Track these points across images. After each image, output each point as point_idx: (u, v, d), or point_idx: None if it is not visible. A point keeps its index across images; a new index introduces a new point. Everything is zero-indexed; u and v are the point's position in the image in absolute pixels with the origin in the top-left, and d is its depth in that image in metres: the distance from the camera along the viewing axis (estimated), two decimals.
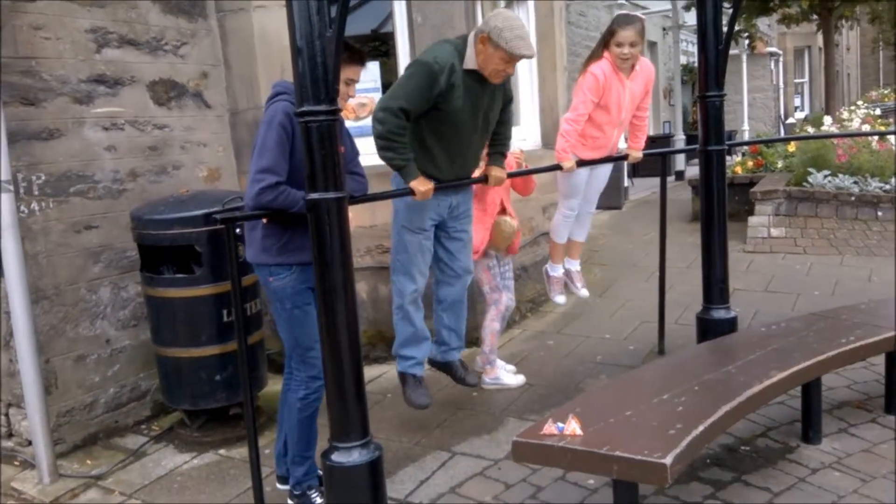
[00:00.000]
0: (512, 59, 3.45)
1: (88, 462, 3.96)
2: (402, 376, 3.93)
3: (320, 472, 3.19)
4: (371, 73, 5.26)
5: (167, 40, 4.51)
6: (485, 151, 3.88)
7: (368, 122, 5.10)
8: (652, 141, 14.64)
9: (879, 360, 3.94)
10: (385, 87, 5.36)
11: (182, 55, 4.61)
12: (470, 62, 3.48)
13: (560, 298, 4.83)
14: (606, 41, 4.19)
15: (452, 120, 3.52)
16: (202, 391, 3.94)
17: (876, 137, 8.64)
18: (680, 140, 14.67)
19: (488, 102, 3.63)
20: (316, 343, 3.16)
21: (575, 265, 4.79)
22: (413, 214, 3.68)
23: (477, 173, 3.87)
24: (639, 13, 4.49)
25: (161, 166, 4.48)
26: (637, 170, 13.16)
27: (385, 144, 3.45)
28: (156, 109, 4.46)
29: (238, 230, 3.41)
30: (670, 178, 13.57)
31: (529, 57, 3.54)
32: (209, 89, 4.78)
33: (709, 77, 4.23)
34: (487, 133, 3.76)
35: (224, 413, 4.08)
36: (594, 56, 4.24)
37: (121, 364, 4.25)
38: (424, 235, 3.75)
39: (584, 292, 4.87)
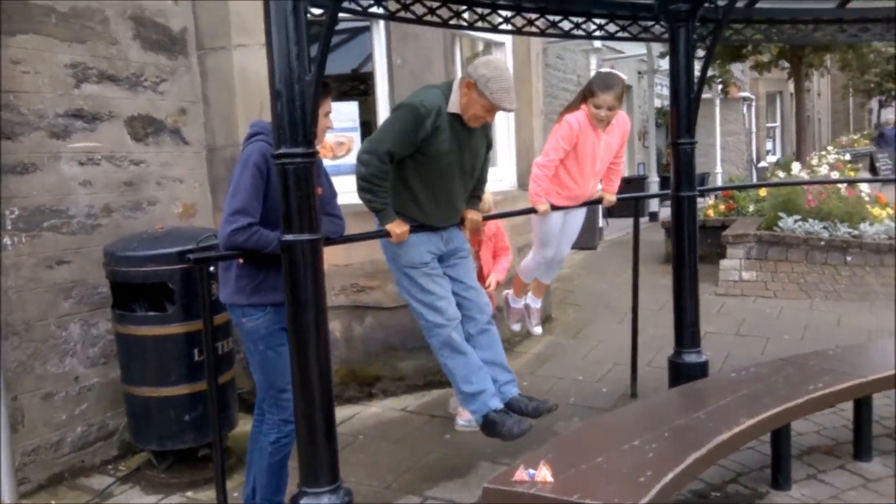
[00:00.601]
0: (494, 109, 3.49)
1: (53, 502, 3.88)
2: (486, 420, 3.55)
3: None
4: (349, 112, 5.31)
5: (147, 76, 4.53)
6: None
7: (346, 160, 5.17)
8: (626, 182, 14.80)
9: (848, 406, 3.98)
10: (363, 125, 5.41)
11: (161, 91, 4.62)
12: (454, 105, 3.52)
13: (516, 326, 4.90)
14: (585, 97, 4.21)
15: (438, 163, 3.54)
16: (170, 431, 3.88)
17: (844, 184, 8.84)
18: (654, 182, 14.88)
19: (472, 146, 3.65)
20: (289, 385, 3.13)
21: (536, 303, 4.83)
22: (411, 254, 3.60)
23: None
24: (614, 69, 4.59)
25: (136, 202, 4.47)
26: (612, 210, 13.25)
27: (366, 186, 3.46)
28: (133, 145, 4.46)
29: (212, 269, 3.40)
30: (644, 220, 13.68)
31: (510, 111, 3.58)
32: (187, 126, 4.79)
33: (680, 124, 4.32)
34: (472, 178, 3.77)
35: (193, 454, 4.02)
36: (572, 107, 4.29)
37: (89, 402, 4.19)
38: (429, 267, 3.62)
39: (538, 329, 4.92)
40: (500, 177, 6.22)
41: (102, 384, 4.24)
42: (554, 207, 4.33)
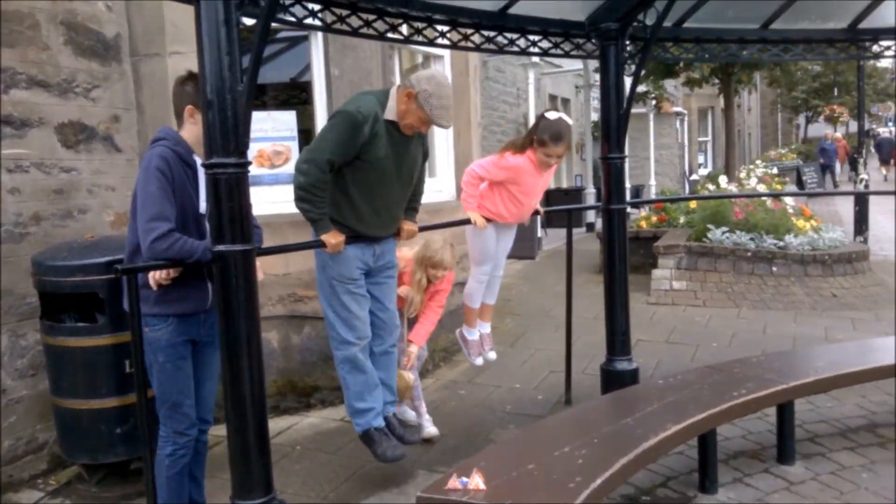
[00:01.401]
0: (430, 123, 3.55)
1: None
2: (367, 435, 3.77)
3: None
4: (287, 121, 5.30)
5: (78, 83, 4.44)
6: None
7: (283, 170, 5.16)
8: (564, 194, 15.11)
9: (772, 411, 4.12)
10: (302, 133, 5.41)
11: (93, 98, 4.54)
12: (390, 112, 3.56)
13: (479, 360, 4.72)
14: (534, 144, 4.09)
15: (376, 169, 3.57)
16: (102, 444, 3.81)
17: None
18: (591, 193, 15.18)
19: (409, 153, 3.70)
20: (186, 398, 3.11)
21: (486, 328, 4.76)
22: (341, 266, 3.65)
23: None
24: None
25: (66, 210, 4.37)
26: (550, 221, 13.50)
27: (304, 196, 3.47)
28: (64, 152, 4.37)
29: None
30: (581, 230, 13.97)
31: (446, 128, 3.64)
32: (120, 133, 4.71)
33: (611, 139, 4.44)
34: (410, 185, 3.81)
35: (125, 467, 3.95)
36: (519, 147, 4.17)
37: (17, 415, 4.07)
38: (355, 285, 3.70)
39: (492, 355, 4.79)
40: (440, 188, 6.28)
41: (31, 396, 4.13)
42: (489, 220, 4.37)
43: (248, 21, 2.79)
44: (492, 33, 4.35)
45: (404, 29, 3.99)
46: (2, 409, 4.00)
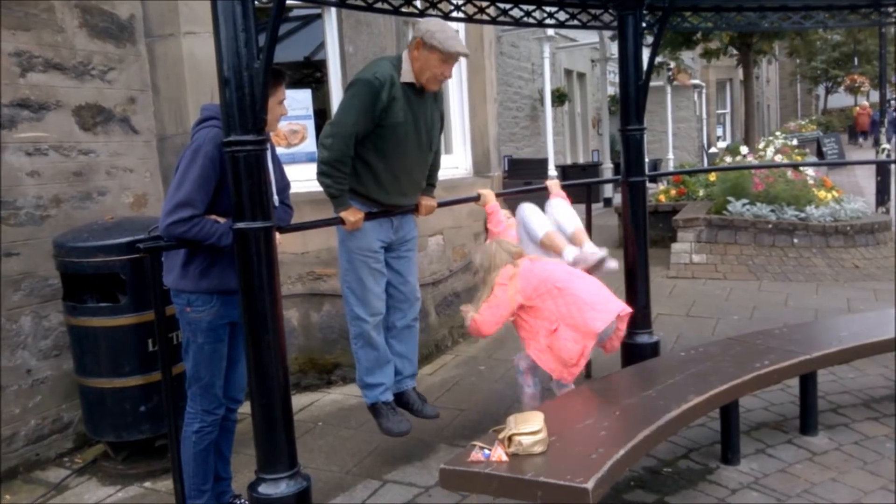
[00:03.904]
0: (448, 58, 3.50)
1: (8, 497, 3.82)
2: (374, 407, 3.81)
3: None
4: (302, 100, 5.28)
5: (94, 65, 4.45)
6: None
7: (300, 149, 5.16)
8: (582, 169, 15.02)
9: (795, 382, 4.10)
10: (317, 113, 5.40)
11: (109, 80, 4.55)
12: (407, 75, 3.53)
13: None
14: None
15: (395, 134, 3.55)
16: (126, 422, 3.85)
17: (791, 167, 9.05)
18: (608, 168, 15.06)
19: (427, 116, 3.68)
20: (218, 380, 3.14)
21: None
22: (360, 239, 3.65)
23: None
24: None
25: (86, 192, 4.40)
26: (568, 197, 13.45)
27: (327, 171, 3.47)
28: (81, 135, 4.39)
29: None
30: (599, 205, 13.89)
31: (465, 55, 3.61)
32: (137, 114, 4.72)
33: (630, 111, 4.39)
34: (430, 150, 3.79)
35: (149, 445, 3.99)
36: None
37: (42, 395, 4.13)
38: (374, 258, 3.70)
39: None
40: (456, 164, 6.25)
41: (56, 377, 4.18)
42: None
43: None
44: (508, 5, 4.30)
45: (419, 3, 3.96)
46: (27, 390, 4.06)
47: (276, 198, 3.07)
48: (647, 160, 5.02)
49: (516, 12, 4.40)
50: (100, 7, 4.49)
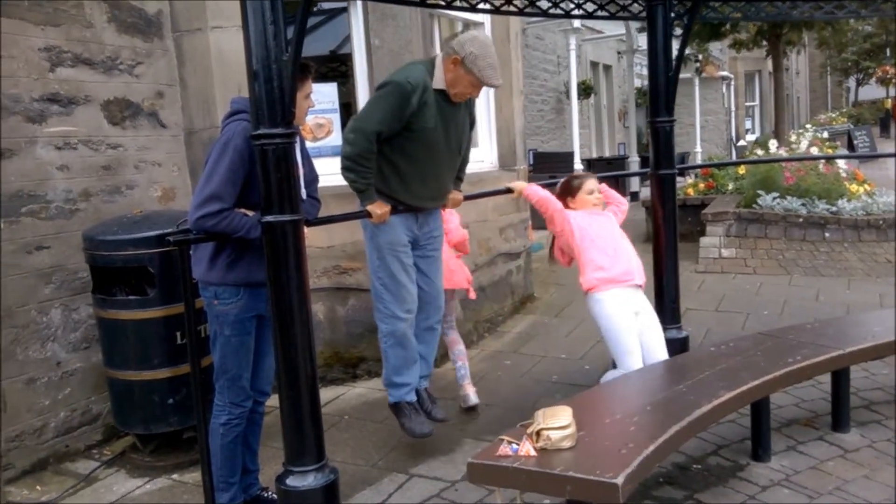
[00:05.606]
0: (481, 85, 3.50)
1: (38, 488, 3.86)
2: (397, 406, 3.83)
3: (245, 499, 3.24)
4: (328, 94, 5.28)
5: (122, 60, 4.48)
6: None
7: (325, 143, 5.16)
8: (608, 163, 14.89)
9: (826, 379, 4.04)
10: (343, 107, 5.39)
11: (137, 75, 4.58)
12: (438, 82, 3.52)
13: None
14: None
15: (425, 140, 3.53)
16: (154, 415, 3.88)
17: (822, 161, 8.92)
18: (634, 162, 14.92)
19: (457, 122, 3.66)
20: (245, 372, 3.14)
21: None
22: (389, 234, 3.63)
23: None
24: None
25: (115, 186, 4.43)
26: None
27: (351, 166, 3.46)
28: (110, 129, 4.42)
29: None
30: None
31: (497, 87, 3.59)
32: (165, 109, 4.75)
33: (659, 102, 4.34)
34: (459, 155, 3.78)
35: (177, 437, 4.02)
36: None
37: (72, 387, 4.17)
38: (405, 252, 3.69)
39: None
40: (481, 157, 6.23)
41: (85, 369, 4.22)
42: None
43: None
44: None
45: None
46: (57, 382, 4.10)
47: (303, 191, 3.06)
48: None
49: (543, 3, 4.36)
50: (128, 2, 4.51)
